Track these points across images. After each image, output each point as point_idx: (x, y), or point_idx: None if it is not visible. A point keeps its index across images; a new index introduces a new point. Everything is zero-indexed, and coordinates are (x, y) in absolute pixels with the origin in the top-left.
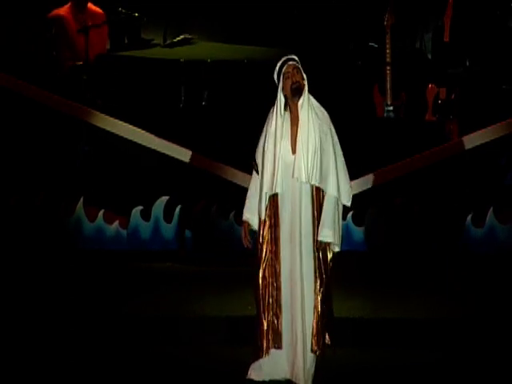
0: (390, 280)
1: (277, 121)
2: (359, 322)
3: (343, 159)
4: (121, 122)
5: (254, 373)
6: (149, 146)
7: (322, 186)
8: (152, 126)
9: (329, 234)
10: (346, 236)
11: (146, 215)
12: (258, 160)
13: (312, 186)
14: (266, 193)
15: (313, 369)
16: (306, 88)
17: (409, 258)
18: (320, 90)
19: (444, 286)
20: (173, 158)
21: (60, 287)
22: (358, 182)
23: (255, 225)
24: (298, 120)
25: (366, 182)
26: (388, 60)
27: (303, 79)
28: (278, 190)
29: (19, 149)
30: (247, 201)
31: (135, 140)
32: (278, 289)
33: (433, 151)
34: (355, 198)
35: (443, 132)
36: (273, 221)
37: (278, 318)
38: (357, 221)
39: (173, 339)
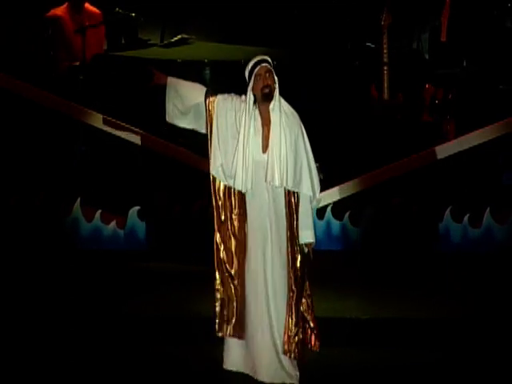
0: (388, 280)
1: (246, 119)
2: (357, 321)
3: (313, 158)
4: (118, 122)
5: (226, 361)
6: (146, 145)
7: (295, 189)
8: (149, 126)
9: (309, 234)
10: (343, 236)
11: (142, 215)
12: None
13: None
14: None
15: (291, 371)
16: (277, 91)
17: (406, 257)
18: (317, 90)
19: (442, 286)
20: (169, 158)
21: (58, 287)
22: (354, 182)
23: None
24: (269, 122)
25: (362, 182)
26: (385, 60)
27: (275, 82)
28: (248, 187)
29: (18, 149)
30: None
31: (132, 140)
32: (238, 278)
33: (430, 151)
34: (352, 197)
35: (440, 132)
36: (241, 211)
37: (238, 308)
38: (354, 221)
39: (173, 339)
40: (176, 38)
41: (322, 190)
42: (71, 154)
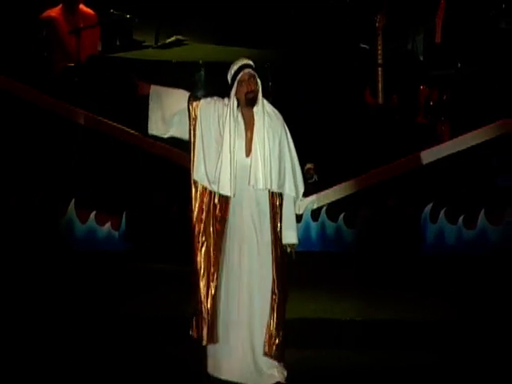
0: (383, 281)
1: (230, 124)
2: (352, 323)
3: (297, 156)
4: (113, 124)
5: (208, 365)
6: (141, 147)
7: (280, 191)
8: (144, 128)
9: (293, 235)
10: (338, 237)
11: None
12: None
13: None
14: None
15: (272, 372)
16: (260, 95)
17: (402, 259)
18: (312, 91)
19: (437, 288)
20: (166, 159)
21: (54, 288)
22: (349, 183)
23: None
24: (252, 125)
25: (357, 184)
26: (380, 61)
27: (258, 86)
28: (233, 191)
29: (16, 149)
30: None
31: (127, 141)
32: (219, 284)
33: (425, 152)
34: (347, 199)
35: (435, 133)
36: (224, 214)
37: (215, 314)
38: (348, 222)
39: (172, 339)
40: (170, 40)
41: (316, 191)
42: (68, 155)
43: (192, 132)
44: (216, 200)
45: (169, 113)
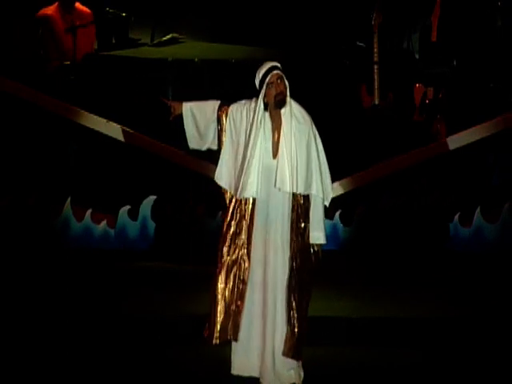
0: (380, 279)
1: (258, 127)
2: (348, 321)
3: (325, 159)
4: (109, 122)
5: (234, 366)
6: (136, 145)
7: (306, 192)
8: (140, 126)
9: (320, 236)
10: (334, 235)
11: (133, 215)
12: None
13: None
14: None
15: (292, 372)
16: (288, 95)
17: (398, 257)
18: (308, 90)
19: (433, 286)
20: (161, 157)
21: (49, 287)
22: (345, 181)
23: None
24: (279, 127)
25: (353, 182)
26: (376, 59)
27: (286, 88)
28: (258, 194)
29: (11, 149)
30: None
31: (123, 140)
32: (245, 283)
33: (420, 150)
34: (343, 197)
35: (430, 131)
36: (247, 217)
37: (239, 311)
38: (344, 220)
39: (172, 339)
40: (166, 38)
41: None
42: (63, 153)
43: (223, 137)
44: (243, 202)
45: (203, 127)
